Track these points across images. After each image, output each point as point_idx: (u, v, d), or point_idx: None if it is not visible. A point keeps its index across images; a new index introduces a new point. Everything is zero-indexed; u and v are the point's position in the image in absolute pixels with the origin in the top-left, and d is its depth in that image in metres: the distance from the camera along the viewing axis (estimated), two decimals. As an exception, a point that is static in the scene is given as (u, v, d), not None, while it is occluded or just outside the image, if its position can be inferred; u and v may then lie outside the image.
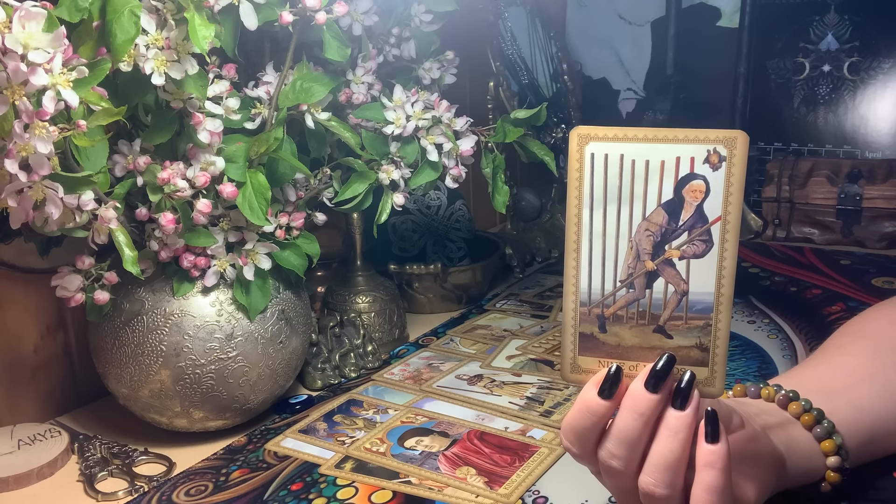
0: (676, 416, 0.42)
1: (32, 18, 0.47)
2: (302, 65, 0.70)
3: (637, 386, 0.42)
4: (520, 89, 1.21)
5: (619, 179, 0.42)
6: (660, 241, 0.42)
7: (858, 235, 1.20)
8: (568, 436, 0.45)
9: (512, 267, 1.11)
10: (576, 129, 0.43)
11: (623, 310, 0.43)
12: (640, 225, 0.42)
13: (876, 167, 1.20)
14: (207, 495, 0.62)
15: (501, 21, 1.19)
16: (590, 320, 0.44)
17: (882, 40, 1.23)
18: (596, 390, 0.43)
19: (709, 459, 0.42)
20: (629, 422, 0.42)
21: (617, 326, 0.44)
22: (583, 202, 0.43)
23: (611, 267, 0.43)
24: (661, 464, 0.42)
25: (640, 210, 0.42)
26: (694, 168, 0.41)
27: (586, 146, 0.42)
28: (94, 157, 0.57)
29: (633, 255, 0.43)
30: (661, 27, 1.38)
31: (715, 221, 0.42)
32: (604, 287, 0.43)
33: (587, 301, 0.44)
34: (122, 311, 0.65)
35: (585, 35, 1.44)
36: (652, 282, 0.43)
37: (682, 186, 0.42)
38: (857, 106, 1.26)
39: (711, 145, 0.41)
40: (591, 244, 0.43)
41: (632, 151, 0.42)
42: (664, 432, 0.42)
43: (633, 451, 0.43)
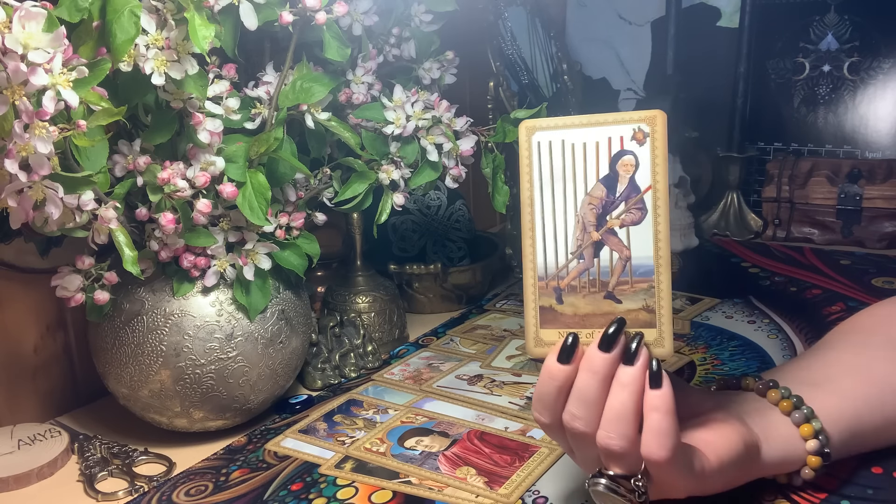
0: (626, 371, 0.46)
1: (32, 18, 0.47)
2: (302, 65, 0.70)
3: (592, 348, 0.47)
4: (520, 89, 1.21)
5: (563, 161, 0.48)
6: (602, 212, 0.48)
7: (858, 235, 1.20)
8: (536, 406, 0.49)
9: (512, 267, 1.11)
10: (523, 123, 0.49)
11: (576, 280, 0.49)
12: (584, 200, 0.48)
13: (876, 167, 1.20)
14: (207, 495, 0.62)
15: (501, 21, 1.19)
16: (547, 293, 0.49)
17: (882, 40, 1.23)
18: (556, 357, 0.48)
19: (653, 403, 0.46)
20: (586, 381, 0.47)
21: (572, 297, 0.49)
22: (533, 185, 0.49)
23: (562, 241, 0.49)
24: (612, 415, 0.46)
25: (583, 187, 0.48)
26: (623, 145, 0.47)
27: (532, 136, 0.49)
28: (94, 157, 0.57)
29: (580, 228, 0.48)
30: (661, 27, 1.38)
31: (646, 190, 0.47)
32: (557, 260, 0.49)
33: (544, 275, 0.49)
34: (122, 311, 0.65)
35: (585, 35, 1.44)
36: (599, 251, 0.48)
37: (616, 162, 0.48)
38: (857, 106, 1.26)
39: (636, 124, 0.47)
40: (544, 222, 0.49)
41: (571, 136, 0.48)
42: (615, 387, 0.47)
43: (592, 410, 0.47)
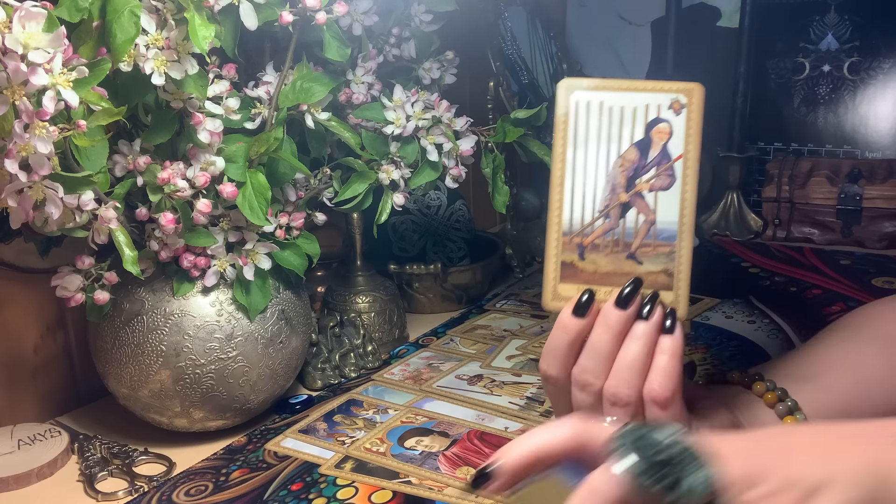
0: (640, 325, 0.48)
1: (32, 18, 0.47)
2: (302, 65, 0.70)
3: (609, 304, 0.48)
4: (520, 89, 1.21)
5: (599, 122, 0.49)
6: (632, 175, 0.49)
7: (858, 235, 1.20)
8: (546, 359, 0.50)
9: (512, 267, 1.11)
10: (563, 81, 0.50)
11: (600, 238, 0.50)
12: (616, 161, 0.49)
13: (876, 167, 1.20)
14: (207, 495, 0.62)
15: (501, 21, 1.19)
16: (570, 249, 0.50)
17: (882, 40, 1.23)
18: (571, 310, 0.49)
19: (663, 346, 0.47)
20: (600, 335, 0.48)
21: (594, 254, 0.50)
22: (567, 143, 0.50)
23: (590, 199, 0.50)
24: (623, 365, 0.47)
25: (617, 148, 0.49)
26: (660, 113, 0.49)
27: (571, 95, 0.50)
28: (94, 157, 0.57)
29: (609, 189, 0.49)
30: (661, 27, 1.38)
31: (678, 158, 0.48)
32: (583, 218, 0.50)
33: (569, 231, 0.50)
34: (122, 311, 0.65)
35: (585, 35, 1.44)
36: (625, 212, 0.49)
37: (651, 128, 0.49)
38: (857, 106, 1.26)
39: (674, 94, 0.49)
40: (574, 179, 0.50)
41: (610, 99, 0.49)
42: (629, 340, 0.48)
43: (603, 363, 0.48)
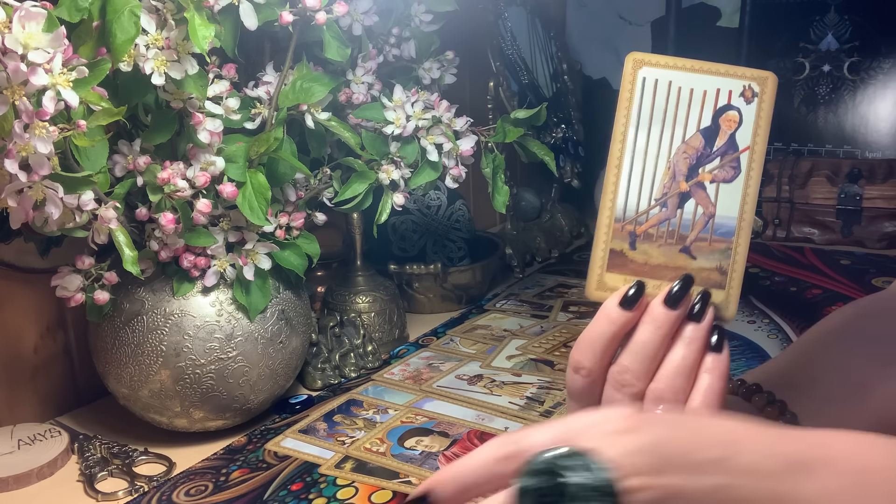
0: (692, 328, 0.45)
1: (32, 18, 0.47)
2: (302, 65, 0.70)
3: (657, 302, 0.45)
4: (520, 89, 1.21)
5: (665, 103, 0.46)
6: (695, 164, 0.46)
7: (858, 235, 1.20)
8: (581, 347, 0.46)
9: (512, 267, 1.11)
10: (631, 54, 0.47)
11: (654, 228, 0.47)
12: (680, 147, 0.46)
13: (876, 167, 1.20)
14: (207, 495, 0.62)
15: (501, 21, 1.19)
16: (621, 236, 0.47)
17: (882, 40, 1.23)
18: (619, 301, 0.46)
19: (710, 366, 0.45)
20: (647, 334, 0.45)
21: (646, 244, 0.47)
22: (629, 122, 0.47)
23: (648, 185, 0.47)
24: (671, 369, 0.45)
25: (681, 133, 0.46)
26: (731, 100, 0.46)
27: (639, 70, 0.47)
28: (94, 157, 0.57)
29: (669, 176, 0.46)
30: (661, 27, 1.38)
31: (744, 150, 0.46)
32: (639, 204, 0.47)
33: (622, 217, 0.47)
34: (122, 311, 0.65)
35: (585, 35, 1.44)
36: (684, 202, 0.46)
37: (720, 115, 0.46)
38: (857, 106, 1.26)
39: (747, 81, 0.46)
40: (633, 162, 0.47)
41: (679, 79, 0.46)
42: (679, 343, 0.45)
43: (646, 364, 0.45)
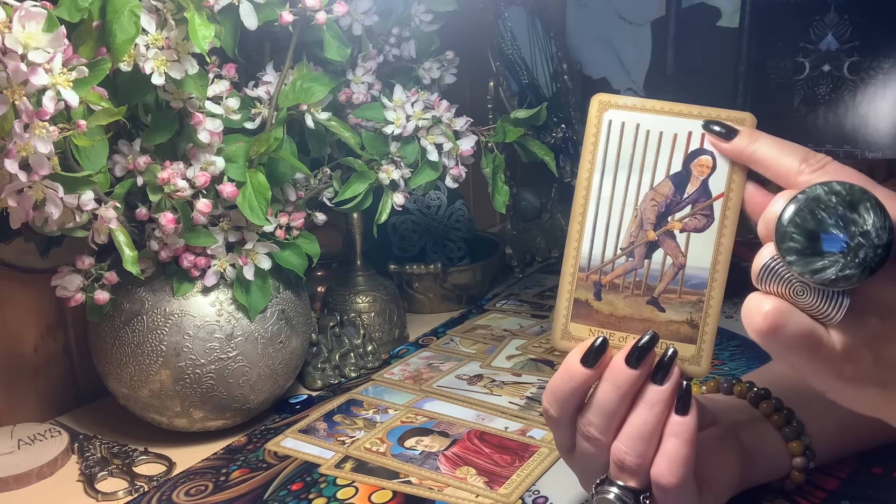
0: (654, 391, 0.44)
1: (32, 18, 0.47)
2: (302, 65, 0.70)
3: (619, 360, 0.43)
4: (520, 89, 1.21)
5: (633, 148, 0.44)
6: (664, 211, 0.44)
7: (858, 235, 1.20)
8: (548, 397, 0.47)
9: (512, 267, 1.11)
10: (597, 96, 0.44)
11: (620, 278, 0.45)
12: (647, 194, 0.44)
13: (876, 167, 1.20)
14: (207, 495, 0.62)
15: (501, 21, 1.19)
16: (586, 286, 0.45)
17: (882, 40, 1.23)
18: (580, 357, 0.44)
19: (675, 430, 0.43)
20: (607, 393, 0.44)
21: (612, 295, 0.45)
22: (595, 167, 0.44)
23: (613, 234, 0.44)
24: (634, 433, 0.44)
25: (649, 180, 0.44)
26: (703, 144, 0.43)
27: (605, 112, 0.44)
28: (94, 157, 0.57)
29: (636, 224, 0.44)
30: (661, 27, 1.38)
31: (718, 197, 0.43)
32: (604, 254, 0.45)
33: (586, 266, 0.45)
34: (122, 311, 0.65)
35: (585, 35, 1.44)
36: (651, 252, 0.44)
37: (691, 160, 0.43)
38: (857, 106, 1.26)
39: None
40: (598, 210, 0.45)
41: (647, 122, 0.43)
42: (641, 405, 0.44)
43: (609, 422, 0.44)
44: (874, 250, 0.35)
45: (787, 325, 0.37)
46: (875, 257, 0.35)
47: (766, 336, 0.38)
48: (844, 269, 0.36)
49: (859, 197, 0.36)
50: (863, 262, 0.35)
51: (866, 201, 0.36)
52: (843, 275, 0.36)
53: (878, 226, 0.35)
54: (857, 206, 0.36)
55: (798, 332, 0.37)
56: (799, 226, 0.36)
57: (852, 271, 0.36)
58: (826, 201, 0.36)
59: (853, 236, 0.36)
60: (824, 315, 0.37)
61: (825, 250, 0.36)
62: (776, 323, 0.37)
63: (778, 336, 0.38)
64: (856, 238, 0.36)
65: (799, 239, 0.36)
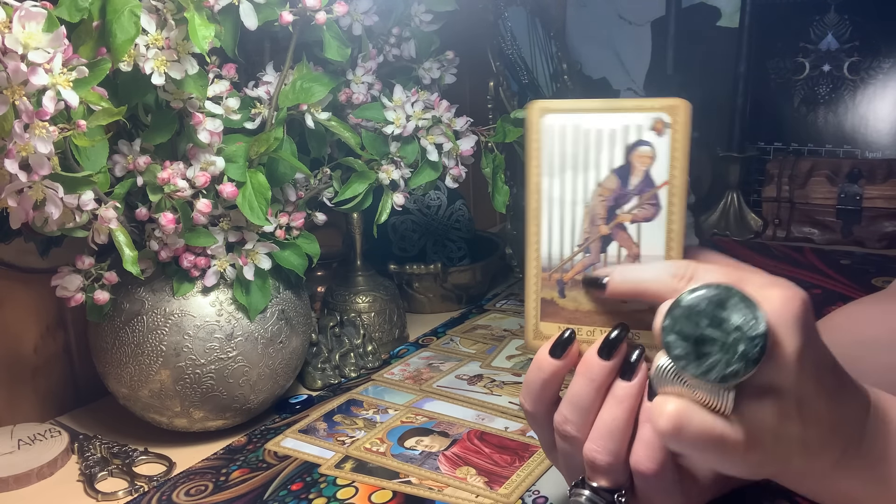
0: (623, 386, 0.44)
1: (32, 18, 0.47)
2: (302, 65, 0.70)
3: (591, 353, 0.45)
4: (520, 89, 1.21)
5: (574, 148, 0.45)
6: (613, 205, 0.45)
7: (858, 235, 1.20)
8: (523, 392, 0.48)
9: (512, 267, 1.11)
10: (534, 103, 0.46)
11: (580, 274, 0.46)
12: (595, 191, 0.45)
13: (876, 167, 1.20)
14: (207, 495, 0.62)
15: (501, 21, 1.19)
16: (550, 286, 0.46)
17: (882, 40, 1.23)
18: (548, 350, 0.46)
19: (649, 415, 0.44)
20: (582, 387, 0.45)
21: (575, 291, 0.46)
22: (542, 171, 0.46)
23: (568, 232, 0.46)
24: (604, 430, 0.45)
25: (594, 176, 0.45)
26: (641, 135, 0.44)
27: (542, 118, 0.45)
28: (94, 157, 0.57)
29: (588, 221, 0.45)
30: (661, 27, 1.38)
31: (662, 185, 0.44)
32: (562, 252, 0.46)
33: (548, 266, 0.46)
34: (122, 311, 0.66)
35: (585, 35, 1.44)
36: (606, 246, 0.45)
37: (631, 152, 0.44)
38: (857, 106, 1.26)
39: (656, 113, 0.44)
40: (551, 211, 0.46)
41: (584, 121, 0.45)
42: (610, 401, 0.45)
43: (585, 416, 0.45)
44: (751, 342, 0.37)
45: (690, 423, 0.39)
46: (753, 348, 0.37)
47: (672, 436, 0.40)
48: (729, 366, 0.38)
49: (724, 296, 0.38)
50: (744, 355, 0.37)
51: (731, 298, 0.38)
52: (730, 371, 0.38)
53: (748, 319, 0.37)
54: (724, 305, 0.38)
55: (701, 429, 0.39)
56: (679, 333, 0.38)
57: (737, 366, 0.37)
58: (696, 306, 0.38)
59: (728, 333, 0.38)
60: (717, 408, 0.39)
61: (708, 351, 0.38)
62: (678, 423, 0.39)
63: (683, 434, 0.40)
64: (731, 335, 0.38)
65: (682, 344, 0.38)
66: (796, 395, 0.40)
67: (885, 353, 0.58)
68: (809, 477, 0.44)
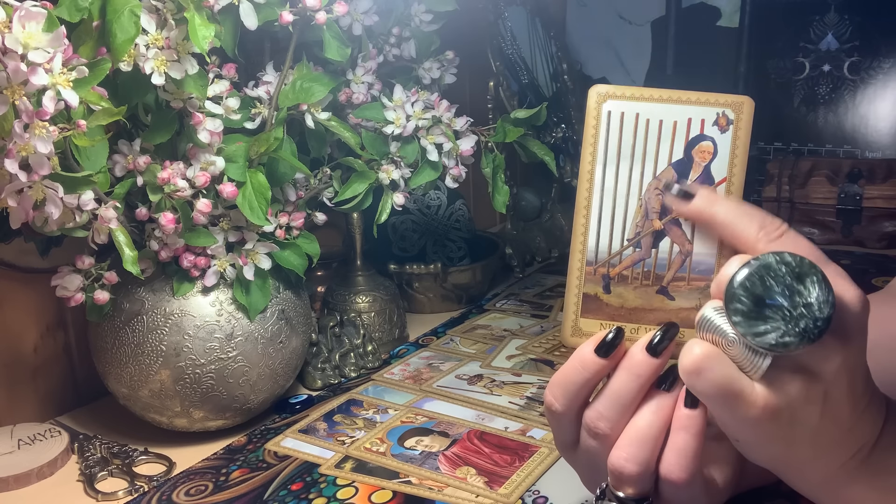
0: (662, 395, 0.43)
1: (32, 18, 0.47)
2: (302, 65, 0.70)
3: (638, 349, 0.43)
4: (520, 89, 1.21)
5: (633, 138, 0.44)
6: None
7: (858, 235, 1.20)
8: (554, 390, 0.45)
9: (512, 267, 1.11)
10: (594, 87, 0.44)
11: (628, 270, 0.44)
12: (651, 183, 0.44)
13: (876, 167, 1.20)
14: (207, 495, 0.62)
15: (501, 21, 1.19)
16: (594, 280, 0.45)
17: (882, 40, 1.23)
18: (594, 347, 0.44)
19: (683, 423, 0.43)
20: (625, 382, 0.43)
21: (621, 287, 0.45)
22: (596, 159, 0.44)
23: (619, 225, 0.44)
24: (635, 437, 0.43)
25: (652, 169, 0.44)
26: (704, 130, 0.43)
27: (603, 104, 0.44)
28: (94, 157, 0.57)
29: (641, 214, 0.44)
30: (661, 27, 1.38)
31: (721, 182, 0.43)
32: (611, 246, 0.44)
33: (593, 260, 0.45)
34: (122, 311, 0.65)
35: (585, 35, 1.44)
36: (658, 241, 0.44)
37: (692, 147, 0.43)
38: (857, 106, 1.26)
39: (721, 108, 0.43)
40: (602, 202, 0.44)
41: (647, 111, 0.43)
42: (646, 407, 0.44)
43: (621, 414, 0.44)
44: (814, 322, 0.37)
45: (710, 370, 0.39)
46: (814, 329, 0.37)
47: (691, 376, 0.40)
48: (784, 336, 0.37)
49: (807, 270, 0.38)
50: (803, 332, 0.37)
51: (813, 275, 0.37)
52: (782, 341, 0.37)
53: (821, 300, 0.37)
54: (803, 279, 0.37)
55: (719, 379, 0.39)
56: (748, 289, 0.38)
57: (791, 339, 0.37)
58: (776, 270, 0.38)
59: (796, 306, 0.37)
60: (746, 370, 0.39)
61: (769, 316, 0.37)
62: (701, 366, 0.39)
63: (701, 379, 0.40)
64: (799, 308, 0.37)
65: (746, 302, 0.38)
66: (827, 387, 0.40)
67: (885, 355, 0.58)
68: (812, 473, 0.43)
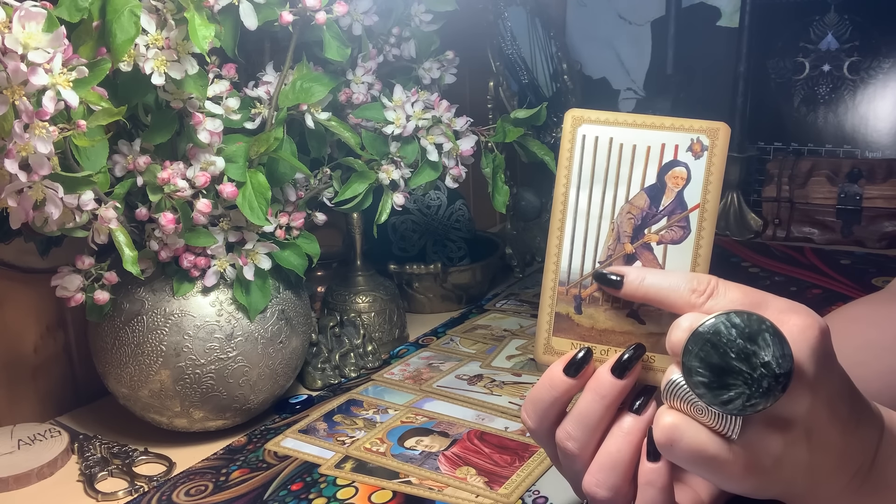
0: (632, 418, 0.43)
1: (32, 18, 0.47)
2: (302, 65, 0.70)
3: (604, 370, 0.43)
4: (520, 89, 1.21)
5: (607, 162, 0.44)
6: (640, 224, 0.44)
7: (858, 235, 1.20)
8: (527, 408, 0.46)
9: (512, 267, 1.11)
10: (570, 112, 0.45)
11: (599, 292, 0.45)
12: (623, 207, 0.44)
13: (876, 167, 1.20)
14: (207, 495, 0.62)
15: (501, 21, 1.19)
16: (566, 300, 0.46)
17: (882, 40, 1.23)
18: (563, 367, 0.44)
19: (649, 478, 0.43)
20: (591, 403, 0.43)
21: (592, 308, 0.45)
22: (570, 182, 0.45)
23: (591, 248, 0.45)
24: (607, 463, 0.43)
25: (625, 193, 0.44)
26: (677, 155, 0.43)
27: (578, 128, 0.45)
28: (94, 157, 0.57)
29: (613, 237, 0.44)
30: (661, 27, 1.38)
31: (694, 209, 0.43)
32: (583, 267, 0.45)
33: (566, 281, 0.46)
34: (122, 311, 0.65)
35: (585, 35, 1.44)
36: (629, 265, 0.44)
37: (665, 172, 0.43)
38: (857, 106, 1.26)
39: (695, 134, 0.43)
40: (575, 224, 0.45)
41: (620, 135, 0.44)
42: (615, 431, 0.44)
43: (589, 435, 0.44)
44: (776, 379, 0.37)
45: (682, 439, 0.39)
46: (777, 385, 0.37)
47: (664, 448, 0.40)
48: (750, 400, 0.37)
49: (756, 328, 0.37)
50: (766, 391, 0.37)
51: (764, 332, 0.37)
52: (749, 404, 0.37)
53: (777, 355, 0.37)
54: (755, 338, 0.37)
55: (694, 447, 0.39)
56: (703, 360, 0.38)
57: (757, 401, 0.37)
58: (727, 335, 0.37)
59: (755, 368, 0.37)
60: (723, 432, 0.39)
61: (730, 383, 0.37)
62: (672, 437, 0.39)
63: (675, 449, 0.40)
64: (758, 370, 0.37)
65: (704, 373, 0.38)
66: (807, 424, 0.39)
67: (887, 356, 0.58)
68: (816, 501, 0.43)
